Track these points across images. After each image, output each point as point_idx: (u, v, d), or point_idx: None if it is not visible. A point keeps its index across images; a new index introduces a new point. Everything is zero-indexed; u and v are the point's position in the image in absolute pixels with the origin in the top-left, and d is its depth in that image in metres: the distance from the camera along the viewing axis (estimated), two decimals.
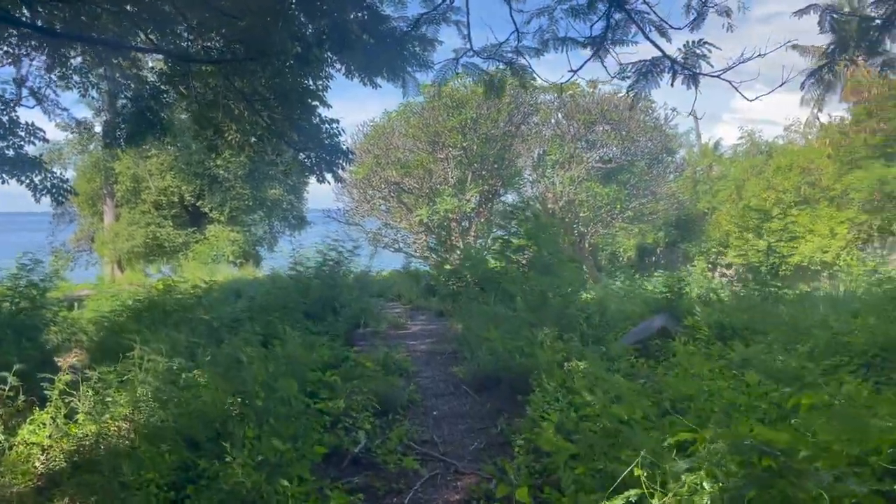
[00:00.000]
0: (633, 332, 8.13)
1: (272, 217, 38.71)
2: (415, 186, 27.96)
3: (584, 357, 6.89)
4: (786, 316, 8.52)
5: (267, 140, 9.12)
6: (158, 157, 33.28)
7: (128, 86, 12.75)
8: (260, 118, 8.88)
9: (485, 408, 6.20)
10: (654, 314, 8.61)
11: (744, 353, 6.16)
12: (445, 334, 10.13)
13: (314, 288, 12.32)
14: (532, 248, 10.85)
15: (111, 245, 33.85)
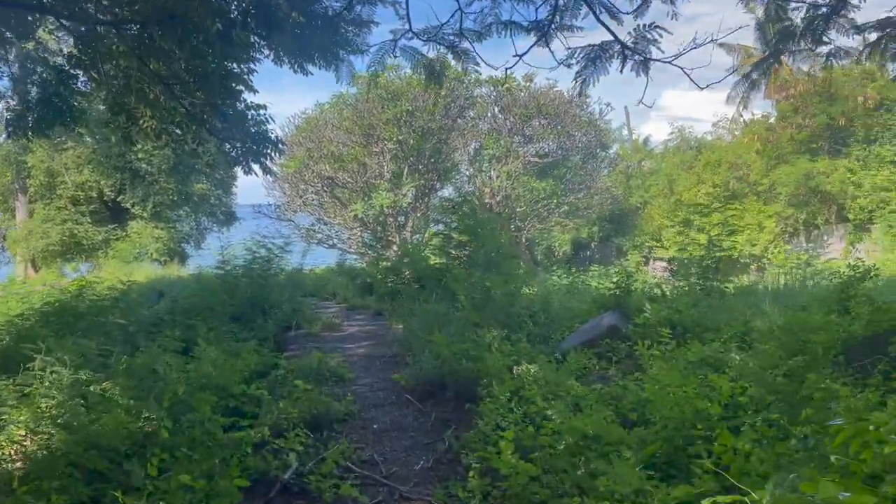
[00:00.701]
0: (581, 331, 7.76)
1: (199, 213, 37.21)
2: (349, 181, 27.17)
3: (534, 360, 6.47)
4: (736, 312, 8.34)
5: (186, 128, 8.32)
6: (75, 149, 31.40)
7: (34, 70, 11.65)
8: (178, 104, 8.08)
9: (430, 419, 5.67)
10: (602, 311, 8.28)
11: (701, 352, 5.83)
12: (384, 336, 9.55)
13: (242, 288, 11.53)
14: (473, 243, 10.38)
15: (24, 243, 31.77)
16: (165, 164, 32.54)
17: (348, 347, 8.81)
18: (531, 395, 4.99)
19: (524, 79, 27.90)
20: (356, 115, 25.97)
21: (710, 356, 5.79)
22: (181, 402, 4.82)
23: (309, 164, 27.25)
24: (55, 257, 32.34)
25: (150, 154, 31.82)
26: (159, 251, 33.15)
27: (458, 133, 27.60)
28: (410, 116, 25.31)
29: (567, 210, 29.56)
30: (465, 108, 28.00)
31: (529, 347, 6.79)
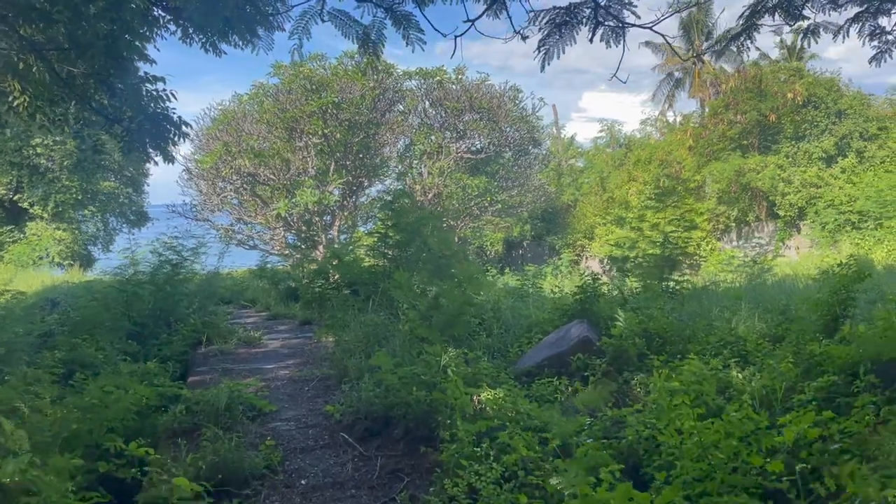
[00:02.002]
0: (544, 344, 6.68)
1: (106, 212, 34.63)
2: (271, 178, 25.42)
3: (498, 383, 5.33)
4: (708, 317, 7.46)
5: (63, 103, 6.76)
6: None
7: None
8: (55, 75, 6.53)
9: (374, 468, 4.43)
10: (566, 320, 7.23)
11: (699, 370, 4.82)
12: (312, 352, 8.21)
13: (143, 298, 9.96)
14: (413, 243, 9.19)
15: None
16: (68, 160, 30.08)
17: (269, 368, 7.43)
18: (510, 440, 3.84)
19: (455, 72, 26.90)
20: (278, 106, 24.28)
21: (708, 375, 4.79)
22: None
23: (227, 159, 25.33)
24: None
25: (51, 149, 29.31)
26: (62, 254, 30.62)
27: (388, 128, 26.28)
28: (337, 109, 23.82)
29: (500, 208, 28.71)
30: (395, 102, 26.74)
31: (491, 367, 5.64)
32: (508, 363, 6.72)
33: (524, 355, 6.78)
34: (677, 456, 3.58)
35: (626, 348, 5.96)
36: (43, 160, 28.95)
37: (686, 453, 3.35)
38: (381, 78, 25.51)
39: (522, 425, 4.43)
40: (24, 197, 29.63)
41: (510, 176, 29.03)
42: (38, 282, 20.51)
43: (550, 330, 7.23)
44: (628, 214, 29.33)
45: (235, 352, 8.31)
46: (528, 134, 29.48)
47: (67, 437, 4.23)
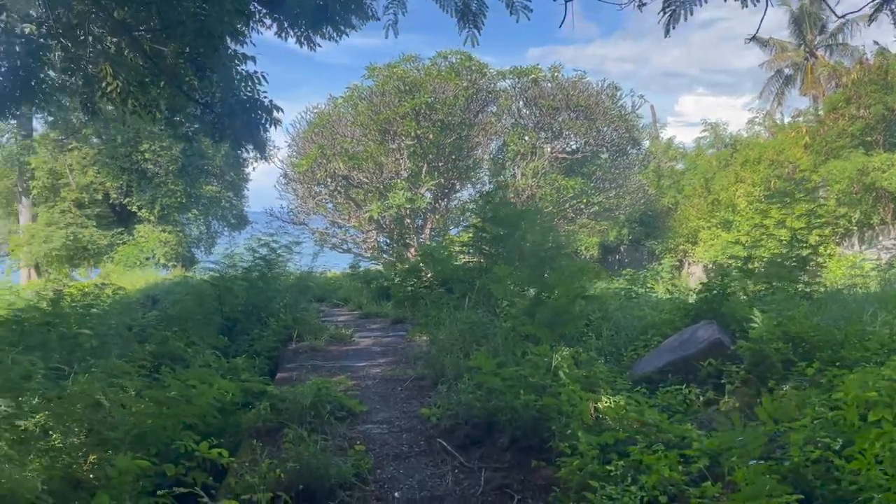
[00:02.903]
0: (667, 348, 5.88)
1: (209, 215, 35.77)
2: (364, 181, 25.41)
3: (616, 389, 4.61)
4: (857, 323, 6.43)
5: (154, 86, 6.56)
6: (80, 149, 30.09)
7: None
8: (146, 56, 6.32)
9: (479, 482, 3.83)
10: (688, 321, 6.40)
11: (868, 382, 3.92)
12: (405, 351, 7.71)
13: (237, 292, 9.79)
14: (512, 238, 8.55)
15: (26, 248, 30.42)
16: (173, 165, 31.23)
17: (360, 366, 6.98)
18: (645, 456, 3.13)
19: (551, 70, 26.11)
20: (372, 108, 24.22)
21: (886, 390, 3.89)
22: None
23: (322, 162, 25.54)
24: (59, 262, 31.07)
25: (158, 154, 30.50)
26: (167, 255, 31.73)
27: (480, 129, 25.76)
28: (430, 109, 23.50)
29: (596, 210, 27.61)
30: (488, 102, 26.20)
31: (608, 371, 4.92)
32: (623, 368, 5.97)
33: (641, 359, 6.01)
34: (862, 486, 2.79)
35: (767, 353, 5.09)
36: (150, 165, 30.13)
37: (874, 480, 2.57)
38: (474, 78, 25.08)
39: (653, 439, 3.71)
40: (133, 200, 30.90)
41: (607, 177, 27.89)
42: (142, 280, 21.21)
43: (670, 332, 6.42)
44: (736, 217, 27.51)
45: (326, 349, 7.93)
46: (627, 133, 28.25)
47: (140, 433, 3.85)
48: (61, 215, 30.21)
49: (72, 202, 30.66)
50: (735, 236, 26.95)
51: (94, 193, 30.75)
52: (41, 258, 30.23)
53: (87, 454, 4.48)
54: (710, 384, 5.19)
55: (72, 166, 30.25)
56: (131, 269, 27.43)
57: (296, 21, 9.90)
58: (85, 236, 30.43)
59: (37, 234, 29.76)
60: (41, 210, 30.70)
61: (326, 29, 10.13)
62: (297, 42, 10.00)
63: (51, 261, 30.77)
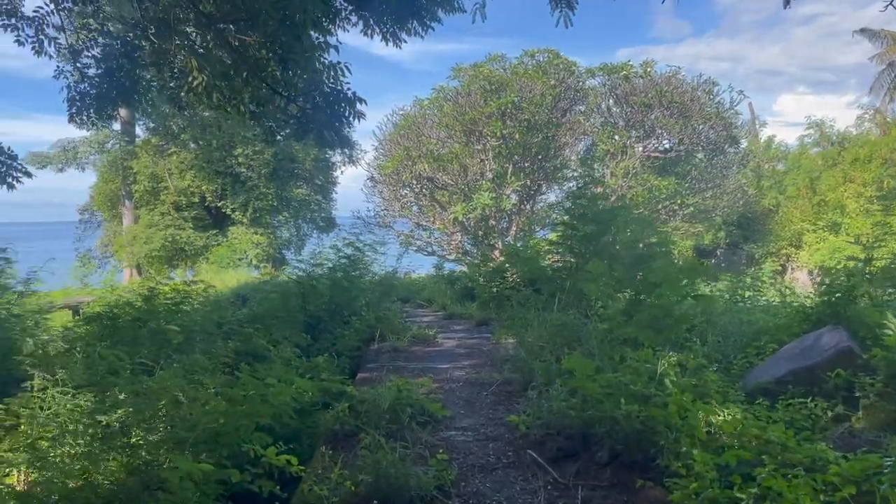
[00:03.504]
0: (784, 356, 5.24)
1: (298, 218, 36.62)
2: (449, 182, 25.18)
3: (730, 400, 4.07)
4: None
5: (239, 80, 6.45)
6: (178, 154, 31.40)
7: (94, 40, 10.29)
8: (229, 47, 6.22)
9: (575, 501, 3.40)
10: (807, 326, 5.72)
11: None
12: (491, 353, 7.33)
13: (321, 292, 9.69)
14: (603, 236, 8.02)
15: (129, 249, 31.97)
16: (265, 169, 32.08)
17: (443, 368, 6.64)
18: (777, 484, 2.62)
19: (643, 65, 25.10)
20: (457, 109, 23.96)
21: None
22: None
23: (407, 164, 25.50)
24: (159, 263, 32.49)
25: (251, 158, 31.40)
26: (258, 257, 32.57)
27: (568, 128, 25.03)
28: (516, 109, 23.02)
29: (691, 212, 26.31)
30: (576, 101, 25.43)
31: (719, 380, 4.37)
32: (734, 377, 5.37)
33: (754, 368, 5.39)
34: None
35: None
36: (244, 169, 31.01)
37: None
38: (562, 76, 24.42)
39: (780, 461, 3.17)
40: (228, 203, 31.89)
41: (703, 177, 26.53)
42: (234, 280, 21.75)
43: (787, 339, 5.76)
44: (845, 219, 25.67)
45: (409, 349, 7.65)
46: (725, 132, 26.79)
47: (214, 433, 3.63)
48: (161, 217, 31.55)
49: (170, 205, 32.00)
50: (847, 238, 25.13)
51: (191, 196, 32.00)
52: (142, 259, 31.67)
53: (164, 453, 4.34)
54: (838, 397, 4.54)
55: (171, 170, 31.58)
56: (224, 270, 28.30)
57: (381, 17, 9.74)
58: (182, 238, 31.66)
59: (138, 235, 31.20)
60: (142, 213, 32.19)
61: (412, 24, 9.93)
62: (383, 39, 9.83)
63: (151, 261, 32.20)
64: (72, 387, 5.12)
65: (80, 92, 9.70)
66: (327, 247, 13.27)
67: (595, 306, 6.45)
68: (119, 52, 9.09)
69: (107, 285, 23.06)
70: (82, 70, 9.93)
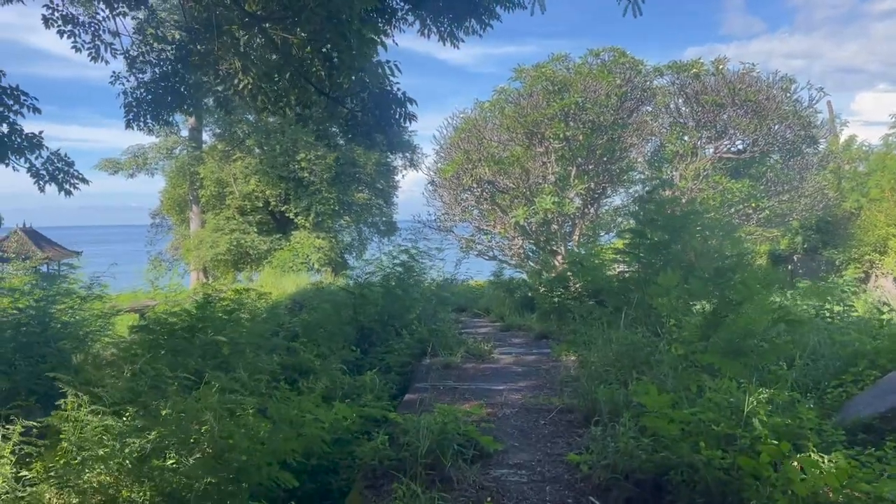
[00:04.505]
0: (888, 387, 4.55)
1: (360, 222, 36.79)
2: (510, 186, 24.60)
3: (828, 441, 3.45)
4: None
5: (284, 81, 6.13)
6: (243, 159, 31.96)
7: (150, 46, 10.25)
8: (274, 46, 5.90)
9: None
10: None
11: None
12: (550, 373, 6.78)
13: (374, 300, 9.34)
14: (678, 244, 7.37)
15: (195, 252, 32.72)
16: (328, 174, 32.30)
17: (497, 390, 6.14)
18: None
19: (714, 63, 23.96)
20: (518, 111, 23.37)
21: None
22: None
23: (468, 167, 25.06)
24: (225, 266, 33.10)
25: (313, 163, 31.67)
26: (320, 261, 32.80)
27: (634, 129, 24.09)
28: (579, 110, 22.27)
29: (766, 216, 24.94)
30: (643, 101, 24.46)
31: (815, 417, 3.74)
32: (827, 409, 4.69)
33: (852, 399, 4.70)
34: None
35: None
36: (306, 174, 31.27)
37: None
38: (628, 75, 23.53)
39: None
40: (291, 207, 32.23)
41: (780, 179, 25.12)
42: (293, 284, 21.77)
43: (889, 366, 5.03)
44: None
45: (462, 366, 7.18)
46: (803, 131, 25.30)
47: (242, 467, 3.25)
48: (226, 222, 32.14)
49: (235, 209, 32.59)
50: None
51: (255, 201, 32.50)
52: (208, 262, 32.32)
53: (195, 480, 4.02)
54: None
55: (236, 176, 32.14)
56: (286, 274, 28.52)
57: (438, 16, 9.37)
58: (247, 241, 32.17)
59: (204, 239, 31.85)
60: (209, 217, 32.86)
61: (470, 22, 9.54)
62: (440, 39, 9.47)
63: (217, 265, 32.85)
64: (109, 403, 4.86)
65: (137, 98, 9.65)
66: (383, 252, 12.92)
67: (667, 324, 5.83)
68: (173, 56, 8.98)
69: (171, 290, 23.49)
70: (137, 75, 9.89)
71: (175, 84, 9.18)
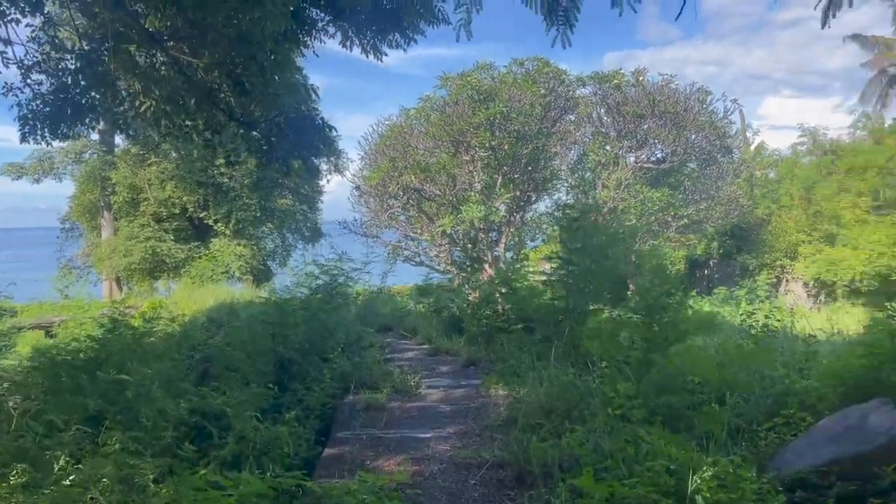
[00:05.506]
0: (824, 436, 4.47)
1: (283, 228, 35.78)
2: (437, 193, 24.41)
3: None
4: None
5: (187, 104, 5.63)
6: (158, 164, 30.48)
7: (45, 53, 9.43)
8: (179, 70, 5.39)
9: None
10: (841, 391, 4.95)
11: None
12: (480, 413, 6.50)
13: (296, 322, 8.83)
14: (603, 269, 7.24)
15: (108, 262, 31.01)
16: (248, 179, 31.21)
17: (424, 439, 5.80)
18: None
19: (634, 74, 24.46)
20: (444, 119, 23.21)
21: None
22: None
23: (394, 175, 24.72)
24: (140, 275, 31.57)
25: (233, 169, 30.54)
26: (242, 269, 31.69)
27: (558, 138, 24.34)
28: (505, 119, 22.30)
29: (685, 223, 25.70)
30: (566, 110, 24.75)
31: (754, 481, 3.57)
32: (762, 456, 4.60)
33: (787, 446, 4.62)
34: None
35: None
36: (226, 179, 30.15)
37: None
38: (552, 85, 23.73)
39: None
40: (210, 214, 31.03)
41: (696, 188, 25.94)
42: (212, 297, 20.83)
43: (819, 407, 4.99)
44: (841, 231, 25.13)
45: (387, 406, 6.81)
46: (718, 141, 26.21)
47: None
48: (140, 229, 30.64)
49: (151, 216, 31.11)
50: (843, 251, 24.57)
51: (171, 207, 31.11)
52: (121, 271, 30.73)
53: None
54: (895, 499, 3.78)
55: (150, 181, 30.68)
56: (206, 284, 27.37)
57: (361, 29, 9.02)
58: (163, 250, 30.76)
59: (117, 247, 30.28)
60: (122, 224, 31.25)
61: (394, 36, 9.23)
62: (363, 51, 9.12)
63: (131, 274, 31.27)
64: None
65: (33, 110, 8.85)
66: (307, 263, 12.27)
67: (599, 364, 5.65)
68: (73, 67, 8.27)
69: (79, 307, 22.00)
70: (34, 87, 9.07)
71: (76, 96, 8.46)
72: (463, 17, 6.12)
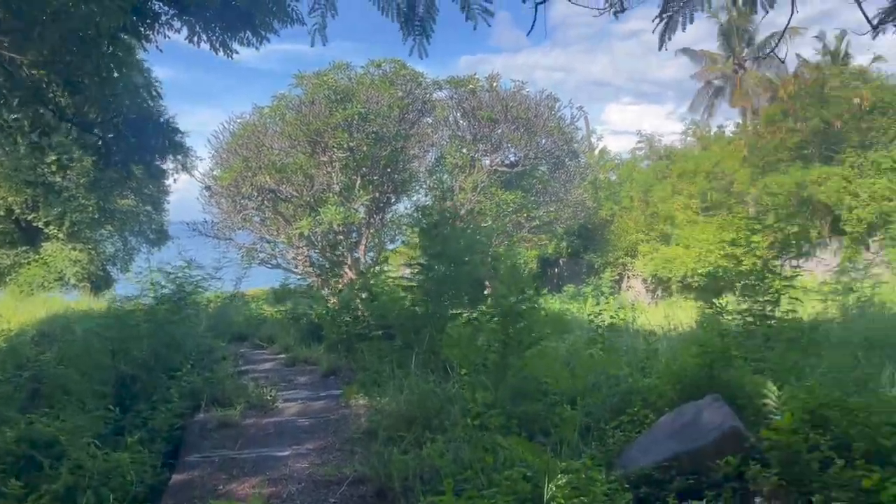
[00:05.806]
0: (664, 432, 4.78)
1: (125, 231, 33.43)
2: (294, 194, 23.82)
3: None
4: None
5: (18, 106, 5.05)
6: None
7: None
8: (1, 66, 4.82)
9: None
10: (679, 388, 5.33)
11: None
12: (340, 425, 6.35)
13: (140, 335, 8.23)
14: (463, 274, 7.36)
15: None
16: (84, 178, 28.82)
17: (282, 458, 5.58)
18: None
19: (489, 79, 25.19)
20: (300, 119, 22.69)
21: None
22: None
23: (247, 175, 23.82)
24: None
25: (66, 167, 28.06)
26: (77, 276, 29.29)
27: (416, 140, 24.59)
28: (363, 120, 22.17)
29: (536, 224, 26.84)
30: (424, 113, 25.04)
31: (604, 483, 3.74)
32: (610, 454, 4.84)
33: (632, 444, 4.89)
34: None
35: (800, 450, 4.03)
36: (58, 178, 27.69)
37: None
38: (409, 87, 23.91)
39: None
40: (40, 216, 28.42)
41: (547, 190, 27.18)
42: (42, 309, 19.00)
43: (660, 404, 5.34)
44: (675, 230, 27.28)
45: (241, 423, 6.50)
46: (566, 146, 27.60)
47: None
48: None
49: None
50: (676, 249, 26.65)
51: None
52: None
53: None
54: (729, 488, 4.11)
55: None
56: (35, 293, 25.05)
57: (210, 25, 8.57)
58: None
59: None
60: None
61: (245, 34, 8.86)
62: (212, 48, 8.68)
63: None
64: None
65: None
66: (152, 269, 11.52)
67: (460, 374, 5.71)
68: None
69: None
70: None
71: None
72: (318, 22, 5.97)
